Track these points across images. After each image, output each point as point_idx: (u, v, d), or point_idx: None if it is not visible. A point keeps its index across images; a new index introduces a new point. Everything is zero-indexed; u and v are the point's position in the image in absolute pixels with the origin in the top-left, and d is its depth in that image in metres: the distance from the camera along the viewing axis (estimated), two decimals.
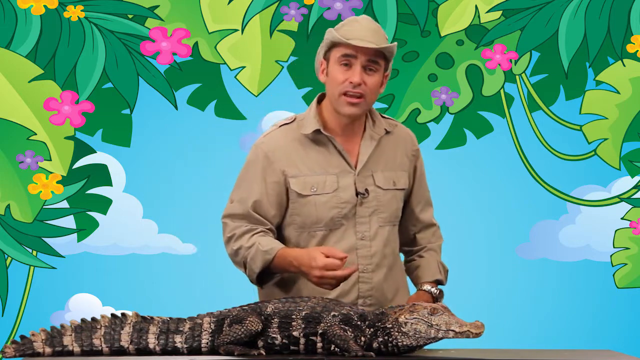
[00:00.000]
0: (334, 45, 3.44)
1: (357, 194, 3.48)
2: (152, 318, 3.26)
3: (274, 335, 3.23)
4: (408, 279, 3.69)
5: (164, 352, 3.24)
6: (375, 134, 3.54)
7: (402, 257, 3.71)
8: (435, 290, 3.59)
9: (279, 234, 3.53)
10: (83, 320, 3.25)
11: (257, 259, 3.43)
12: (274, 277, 3.51)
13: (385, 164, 3.54)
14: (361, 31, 3.42)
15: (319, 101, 3.55)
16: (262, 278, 3.49)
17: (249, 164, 3.52)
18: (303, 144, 3.50)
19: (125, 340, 3.24)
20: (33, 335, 3.24)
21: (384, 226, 3.52)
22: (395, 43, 3.49)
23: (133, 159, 5.26)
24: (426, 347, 3.22)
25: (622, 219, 5.36)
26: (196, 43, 5.26)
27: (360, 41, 3.40)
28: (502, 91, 5.33)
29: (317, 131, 3.49)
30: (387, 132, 3.57)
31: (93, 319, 3.26)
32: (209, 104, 5.29)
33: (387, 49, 3.43)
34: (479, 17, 5.30)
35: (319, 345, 3.21)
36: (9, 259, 5.22)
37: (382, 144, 3.55)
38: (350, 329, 3.19)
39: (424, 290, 3.59)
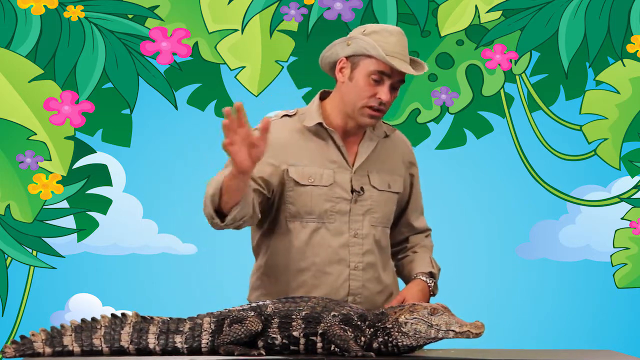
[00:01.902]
0: (369, 56, 3.44)
1: (352, 191, 3.49)
2: (152, 318, 3.26)
3: (274, 335, 3.23)
4: (400, 281, 3.70)
5: (164, 352, 3.24)
6: (375, 136, 3.56)
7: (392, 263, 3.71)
8: (431, 282, 3.59)
9: (270, 224, 3.52)
10: (83, 320, 3.25)
11: (212, 183, 3.30)
12: (234, 210, 3.29)
13: (382, 166, 3.56)
14: (397, 47, 3.44)
15: (322, 98, 3.57)
16: (221, 213, 3.31)
17: None
18: (304, 136, 3.52)
19: (125, 340, 3.24)
20: (33, 335, 3.24)
21: (376, 226, 3.54)
22: (425, 65, 3.51)
23: (133, 159, 5.27)
24: (426, 347, 3.22)
25: (622, 219, 5.36)
26: (196, 43, 5.26)
27: (402, 64, 3.42)
28: (502, 91, 5.33)
29: (319, 125, 3.51)
30: (386, 136, 3.59)
31: (93, 319, 3.26)
32: (209, 104, 5.29)
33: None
34: (479, 17, 5.30)
35: (319, 345, 3.21)
36: (9, 259, 5.22)
37: (379, 146, 3.58)
38: (350, 329, 3.20)
39: (420, 279, 3.59)
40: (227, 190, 3.26)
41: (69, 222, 5.24)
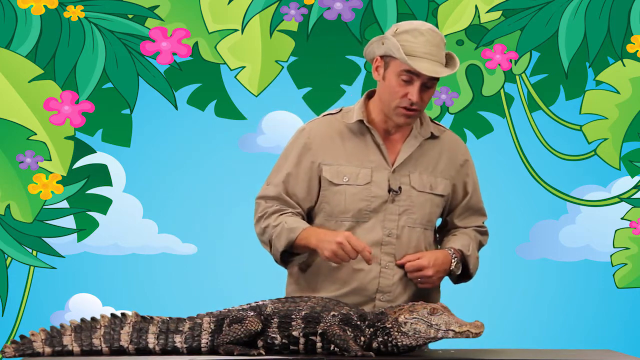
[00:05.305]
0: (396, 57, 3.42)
1: (389, 190, 3.49)
2: (151, 318, 3.26)
3: (273, 335, 3.23)
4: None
5: (164, 352, 3.24)
6: (420, 135, 3.54)
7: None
8: (455, 256, 3.51)
9: (309, 222, 3.55)
10: (83, 320, 3.26)
11: (282, 237, 3.45)
12: (298, 258, 3.52)
13: (426, 167, 3.54)
14: (426, 47, 3.41)
15: (369, 96, 3.57)
16: (285, 258, 3.51)
17: (288, 148, 3.57)
18: (343, 135, 3.53)
19: (125, 340, 3.24)
20: (33, 335, 3.24)
21: (413, 227, 3.51)
22: (458, 62, 3.47)
23: (133, 159, 5.27)
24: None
25: (622, 219, 5.36)
26: (196, 43, 5.26)
27: (427, 65, 3.39)
28: (502, 91, 5.33)
29: (360, 122, 3.51)
30: (434, 137, 3.57)
31: (93, 318, 3.26)
32: (209, 104, 5.29)
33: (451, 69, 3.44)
34: (479, 17, 5.30)
35: (319, 345, 3.21)
36: (9, 259, 5.22)
37: (426, 147, 3.55)
38: (349, 329, 3.20)
39: (446, 250, 3.52)
40: (297, 247, 3.46)
41: (69, 222, 5.23)
